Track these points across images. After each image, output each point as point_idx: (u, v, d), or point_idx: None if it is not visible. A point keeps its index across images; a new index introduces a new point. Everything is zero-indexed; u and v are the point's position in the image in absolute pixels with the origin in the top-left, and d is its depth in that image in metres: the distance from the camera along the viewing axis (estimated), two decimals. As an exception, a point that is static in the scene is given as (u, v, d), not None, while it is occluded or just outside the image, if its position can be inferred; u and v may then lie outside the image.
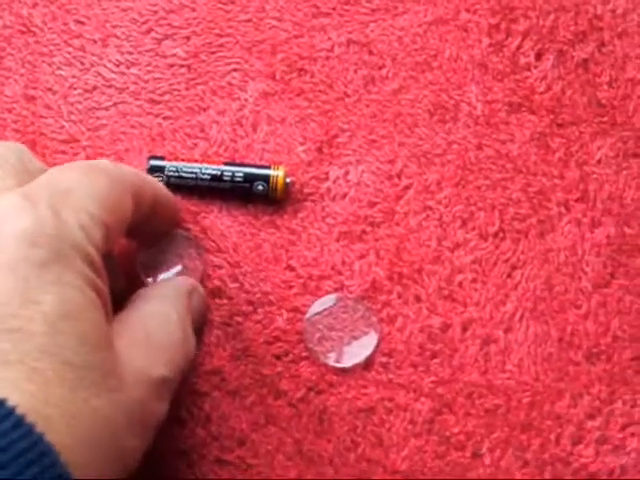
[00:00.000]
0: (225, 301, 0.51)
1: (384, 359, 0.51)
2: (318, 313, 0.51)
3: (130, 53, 0.56)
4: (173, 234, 0.48)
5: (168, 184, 0.52)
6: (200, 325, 0.48)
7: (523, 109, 0.56)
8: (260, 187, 0.52)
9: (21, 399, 0.26)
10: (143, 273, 0.46)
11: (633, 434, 0.50)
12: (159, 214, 0.43)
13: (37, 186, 0.32)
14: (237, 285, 0.51)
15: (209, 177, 0.52)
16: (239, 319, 0.51)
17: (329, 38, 0.57)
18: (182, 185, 0.52)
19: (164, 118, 0.55)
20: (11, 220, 0.30)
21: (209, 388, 0.50)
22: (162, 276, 0.46)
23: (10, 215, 0.30)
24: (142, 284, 0.45)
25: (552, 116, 0.56)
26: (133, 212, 0.37)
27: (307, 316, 0.51)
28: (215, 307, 0.51)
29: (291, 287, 0.52)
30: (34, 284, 0.28)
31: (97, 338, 0.30)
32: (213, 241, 0.52)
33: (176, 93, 0.55)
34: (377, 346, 0.51)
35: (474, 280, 0.52)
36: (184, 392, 0.49)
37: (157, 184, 0.43)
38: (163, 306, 0.40)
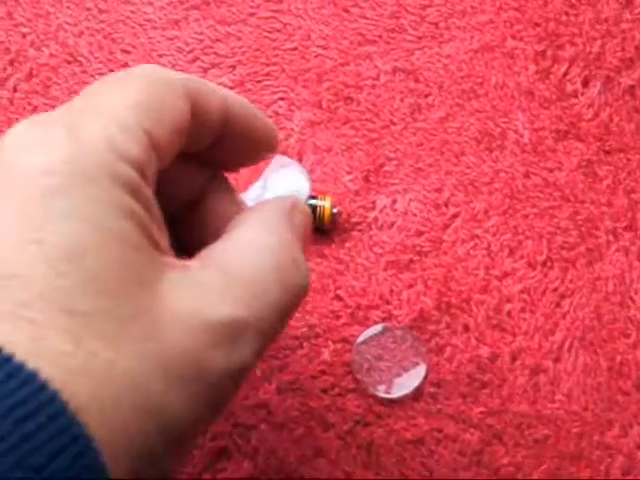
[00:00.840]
0: (272, 333, 0.51)
1: (433, 389, 0.50)
2: (365, 343, 0.51)
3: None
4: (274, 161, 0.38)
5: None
6: (305, 243, 0.35)
7: (570, 136, 0.56)
8: (307, 217, 0.52)
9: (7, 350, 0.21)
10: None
11: (684, 464, 0.50)
12: (237, 132, 0.32)
13: (56, 110, 0.27)
14: (283, 318, 0.51)
15: (258, 209, 0.52)
16: (285, 352, 0.51)
17: (375, 66, 0.57)
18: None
19: (210, 147, 0.55)
20: (17, 151, 0.25)
21: (256, 421, 0.49)
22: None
23: (17, 146, 0.25)
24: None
25: (599, 143, 0.56)
26: (193, 123, 0.29)
27: (355, 346, 0.51)
28: (261, 339, 0.50)
29: (339, 317, 0.51)
30: (38, 219, 0.23)
31: (116, 279, 0.24)
32: (262, 274, 0.52)
33: (222, 122, 0.55)
34: (426, 376, 0.51)
35: (523, 309, 0.52)
36: (230, 424, 0.49)
37: (230, 93, 0.32)
38: (260, 231, 0.31)
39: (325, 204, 0.52)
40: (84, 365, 0.22)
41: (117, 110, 0.26)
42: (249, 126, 0.32)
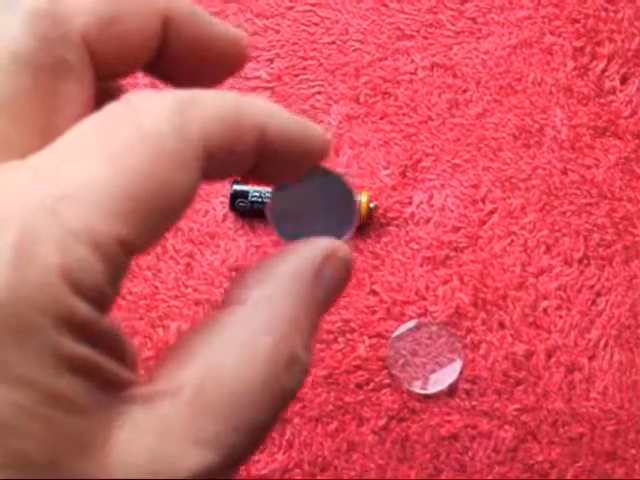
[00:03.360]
0: (307, 327, 0.51)
1: (468, 386, 0.50)
2: (401, 338, 0.51)
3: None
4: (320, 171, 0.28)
5: (251, 209, 0.52)
6: (333, 302, 0.28)
7: (608, 134, 0.55)
8: (344, 212, 0.52)
9: None
10: (277, 228, 0.29)
11: None
12: (279, 150, 0.25)
13: (21, 189, 0.20)
14: (318, 313, 0.51)
15: (295, 202, 0.52)
16: (320, 346, 0.51)
17: (413, 61, 0.56)
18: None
19: (247, 141, 0.55)
20: None
21: (290, 414, 0.50)
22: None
23: None
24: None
25: (637, 141, 0.55)
26: (223, 159, 0.23)
27: (390, 341, 0.51)
28: (297, 333, 0.51)
29: (374, 312, 0.51)
30: None
31: (56, 453, 0.20)
32: (301, 268, 0.52)
33: (260, 116, 0.55)
34: (461, 373, 0.51)
35: (559, 307, 0.52)
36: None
37: (268, 111, 0.24)
38: (252, 323, 0.24)
39: (362, 199, 0.52)
40: None
41: (91, 215, 0.20)
42: (289, 142, 0.25)
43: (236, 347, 0.23)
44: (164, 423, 0.21)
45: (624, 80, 0.57)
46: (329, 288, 0.26)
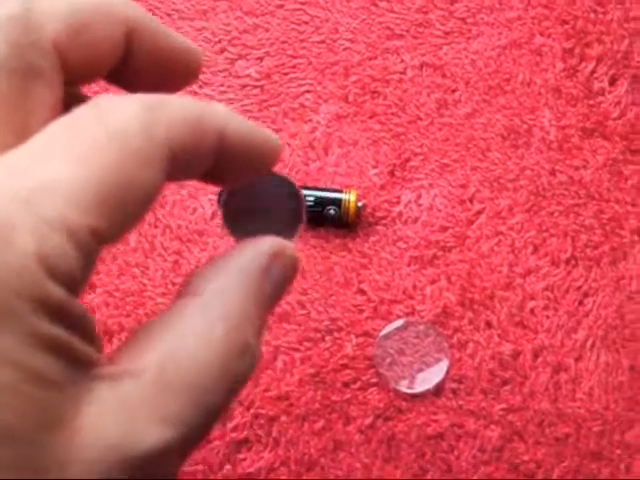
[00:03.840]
0: (294, 326, 0.51)
1: (454, 385, 0.50)
2: (388, 337, 0.51)
3: (203, 73, 0.56)
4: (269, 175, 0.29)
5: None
6: (281, 297, 0.30)
7: (596, 135, 0.55)
8: (332, 211, 0.52)
9: None
10: (229, 228, 0.30)
11: None
12: (236, 153, 0.26)
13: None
14: (305, 312, 0.51)
15: (283, 201, 0.52)
16: (308, 345, 0.51)
17: (402, 60, 0.57)
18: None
19: (236, 139, 0.55)
20: None
21: (277, 413, 0.49)
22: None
23: None
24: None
25: (625, 142, 0.55)
26: (186, 160, 0.24)
27: (377, 340, 0.51)
28: (283, 332, 0.50)
29: (362, 311, 0.51)
30: None
31: (28, 426, 0.21)
32: (286, 266, 0.52)
33: (249, 114, 0.55)
34: (448, 372, 0.51)
35: (546, 307, 0.52)
36: (251, 416, 0.49)
37: (227, 116, 0.25)
38: (207, 312, 0.26)
39: (350, 198, 0.52)
40: None
41: (64, 205, 0.21)
42: (245, 147, 0.26)
43: (194, 334, 0.25)
44: (128, 400, 0.23)
45: (613, 81, 0.57)
46: (276, 283, 0.28)
